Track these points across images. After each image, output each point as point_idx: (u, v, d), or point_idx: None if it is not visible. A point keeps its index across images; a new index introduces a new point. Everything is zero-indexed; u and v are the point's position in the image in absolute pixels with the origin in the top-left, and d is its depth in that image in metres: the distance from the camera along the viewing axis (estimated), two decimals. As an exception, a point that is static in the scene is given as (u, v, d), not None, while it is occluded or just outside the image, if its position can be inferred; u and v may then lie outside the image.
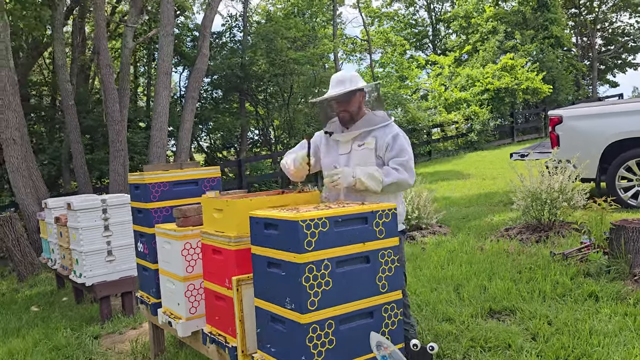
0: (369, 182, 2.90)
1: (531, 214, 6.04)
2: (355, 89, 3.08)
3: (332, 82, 3.16)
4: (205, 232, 3.02)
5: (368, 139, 3.07)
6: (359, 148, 3.08)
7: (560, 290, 4.21)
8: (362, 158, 3.05)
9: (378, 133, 3.07)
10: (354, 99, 3.10)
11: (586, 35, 30.36)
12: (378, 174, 2.92)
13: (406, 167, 2.98)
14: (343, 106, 3.11)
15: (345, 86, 3.07)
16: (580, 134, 7.18)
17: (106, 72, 10.09)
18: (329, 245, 2.34)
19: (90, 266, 5.38)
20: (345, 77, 3.13)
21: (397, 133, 3.06)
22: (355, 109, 3.11)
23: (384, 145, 3.03)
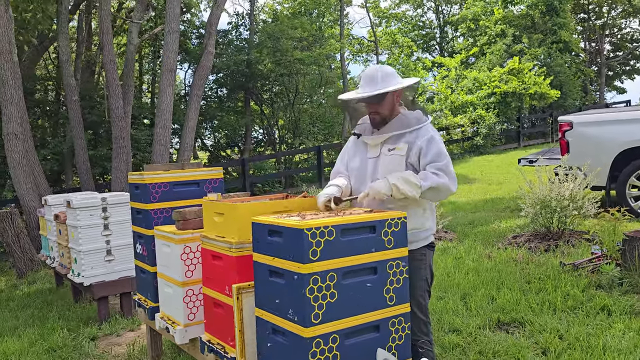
0: (405, 186, 2.60)
1: (540, 221, 5.90)
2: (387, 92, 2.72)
3: (363, 78, 2.81)
4: (206, 236, 2.90)
5: (400, 144, 2.75)
6: (388, 153, 2.77)
7: (571, 302, 4.08)
8: (391, 164, 2.74)
9: (411, 137, 2.75)
10: (386, 99, 2.76)
11: (594, 41, 30.16)
12: (414, 178, 2.62)
13: (446, 172, 2.67)
14: (374, 107, 2.79)
15: (376, 86, 2.72)
16: (590, 140, 7.04)
17: (110, 67, 9.99)
18: (335, 255, 2.22)
19: (88, 265, 5.27)
20: (376, 75, 2.75)
21: (432, 136, 2.74)
22: (387, 110, 2.79)
23: (417, 150, 2.72)
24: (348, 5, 26.18)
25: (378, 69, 2.77)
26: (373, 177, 2.79)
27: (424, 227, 2.81)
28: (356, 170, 2.90)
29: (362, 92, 2.76)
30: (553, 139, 20.72)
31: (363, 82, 2.79)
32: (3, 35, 8.18)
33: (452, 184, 2.69)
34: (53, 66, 16.15)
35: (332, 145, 16.56)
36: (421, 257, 2.80)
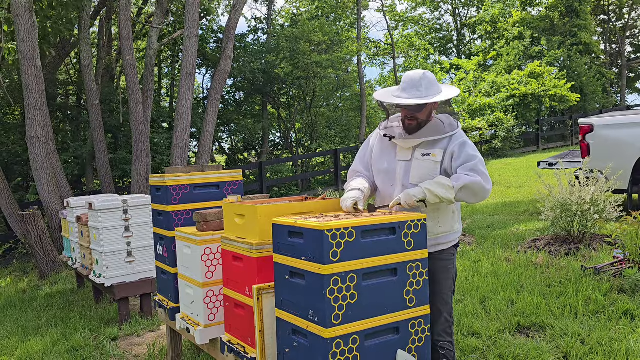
0: (439, 189, 2.55)
1: (560, 225, 5.84)
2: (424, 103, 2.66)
3: (405, 82, 2.73)
4: (226, 237, 2.94)
5: (435, 150, 2.71)
6: (422, 158, 2.72)
7: (592, 306, 4.03)
8: (425, 170, 2.70)
9: (445, 144, 2.72)
10: (426, 108, 2.72)
11: (615, 42, 29.73)
12: (446, 180, 2.59)
13: (477, 171, 2.63)
14: (412, 114, 2.72)
15: (420, 93, 2.67)
16: (612, 143, 6.95)
17: (130, 72, 10.13)
18: (355, 257, 2.23)
19: (110, 267, 5.35)
20: (421, 83, 2.68)
21: (464, 141, 2.72)
22: (425, 117, 2.75)
23: (449, 155, 2.70)
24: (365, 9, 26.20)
25: (422, 77, 2.71)
26: (404, 180, 2.74)
27: (454, 229, 2.82)
28: (384, 173, 2.84)
29: (402, 96, 2.70)
30: (573, 142, 20.46)
31: (405, 85, 2.72)
32: (27, 41, 8.35)
33: (487, 182, 2.64)
34: (74, 71, 16.42)
35: (349, 149, 16.57)
36: (450, 257, 2.82)
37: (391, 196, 2.77)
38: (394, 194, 2.76)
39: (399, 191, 2.74)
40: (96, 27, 15.00)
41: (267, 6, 18.76)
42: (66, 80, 16.05)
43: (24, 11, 8.29)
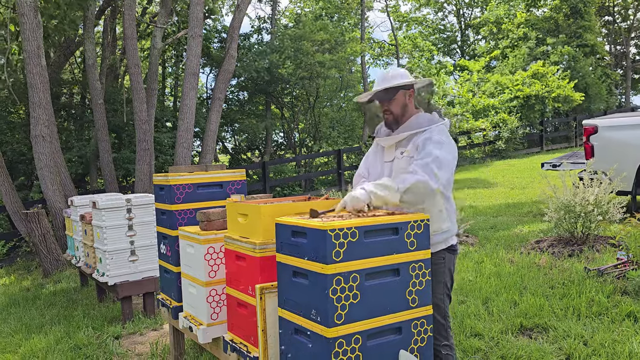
0: (384, 192, 2.49)
1: (564, 226, 5.83)
2: (393, 87, 2.69)
3: (376, 79, 2.83)
4: (229, 237, 2.94)
5: (410, 147, 2.68)
6: (401, 156, 2.71)
7: (595, 308, 4.02)
8: (403, 167, 2.67)
9: (420, 138, 2.66)
10: (396, 97, 2.73)
11: (620, 44, 29.64)
12: (392, 182, 2.52)
13: (425, 169, 2.49)
14: (385, 106, 2.76)
15: (385, 82, 2.73)
16: (616, 145, 6.93)
17: (135, 72, 10.16)
18: (358, 257, 2.23)
19: (113, 265, 5.37)
20: (388, 75, 2.75)
21: (429, 136, 2.61)
22: (398, 110, 2.74)
23: (415, 150, 2.64)
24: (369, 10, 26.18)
25: (390, 69, 2.81)
26: None
27: (441, 229, 2.68)
28: (375, 176, 2.86)
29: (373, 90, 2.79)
30: (577, 143, 20.41)
31: (376, 81, 2.81)
32: (32, 40, 8.38)
33: (432, 180, 2.47)
34: (78, 70, 16.47)
35: (352, 149, 16.57)
36: (439, 260, 2.70)
37: None
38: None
39: None
40: (100, 26, 15.03)
41: (272, 6, 18.77)
42: (70, 80, 16.09)
43: (29, 10, 8.32)
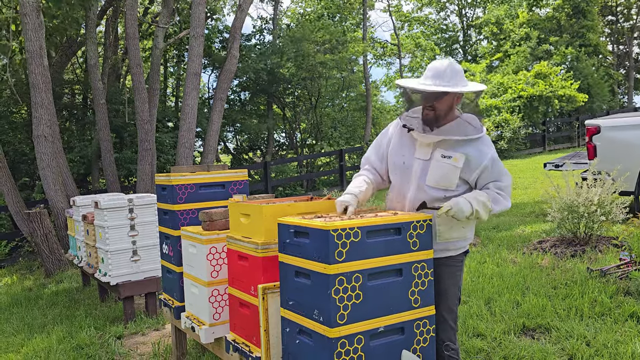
0: (483, 212, 2.54)
1: (566, 227, 5.81)
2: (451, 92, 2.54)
3: (429, 69, 2.59)
4: (232, 237, 2.94)
5: (457, 154, 2.57)
6: (442, 159, 2.58)
7: (598, 309, 4.01)
8: (443, 173, 2.58)
9: (470, 150, 2.58)
10: (446, 97, 2.56)
11: (623, 44, 29.59)
12: (489, 202, 2.55)
13: (508, 192, 2.64)
14: (430, 102, 2.57)
15: (442, 81, 2.52)
16: (618, 145, 6.91)
17: (136, 71, 10.17)
18: (360, 257, 2.23)
19: (115, 265, 5.37)
20: (445, 71, 2.54)
21: (494, 155, 2.63)
22: (444, 109, 2.59)
23: (479, 167, 2.59)
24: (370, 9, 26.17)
25: (448, 65, 2.57)
26: (420, 180, 2.63)
27: (466, 236, 2.71)
28: (400, 168, 2.71)
29: (425, 83, 2.57)
30: (579, 143, 20.37)
31: (429, 73, 2.58)
32: (34, 40, 8.39)
33: (509, 203, 2.66)
34: (80, 70, 16.49)
35: (354, 149, 16.56)
36: (458, 263, 2.73)
37: (405, 195, 2.68)
38: (408, 192, 2.66)
39: (413, 190, 2.64)
40: (102, 26, 15.05)
41: (273, 6, 18.77)
42: (72, 80, 16.11)
43: (31, 10, 8.33)
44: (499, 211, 2.62)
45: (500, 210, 2.63)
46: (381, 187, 2.91)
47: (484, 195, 2.57)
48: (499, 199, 2.61)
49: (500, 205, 2.61)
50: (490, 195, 2.60)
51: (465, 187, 2.66)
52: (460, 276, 2.77)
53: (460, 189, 2.63)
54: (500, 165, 2.66)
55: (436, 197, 2.61)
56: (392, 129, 2.85)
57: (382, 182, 2.88)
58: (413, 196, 2.65)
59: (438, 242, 2.63)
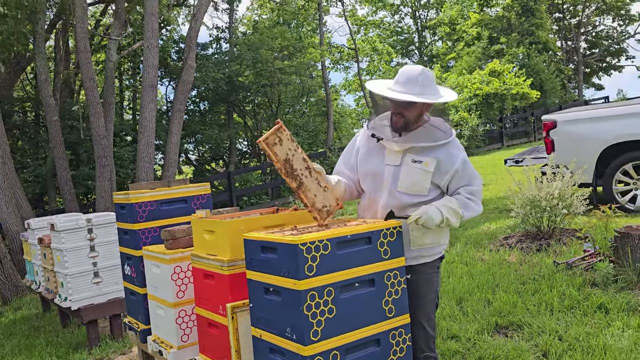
0: (453, 220, 2.49)
1: (530, 221, 5.90)
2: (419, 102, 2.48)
3: (401, 75, 2.52)
4: (196, 255, 2.83)
5: (427, 159, 2.52)
6: (412, 164, 2.53)
7: (567, 302, 4.05)
8: (414, 178, 2.53)
9: (441, 154, 2.53)
10: (416, 106, 2.52)
11: (571, 39, 30.63)
12: (460, 209, 2.50)
13: (478, 196, 2.59)
14: (400, 110, 2.52)
15: (415, 89, 2.46)
16: (575, 138, 7.07)
17: (90, 85, 9.85)
18: (331, 270, 2.16)
19: (75, 289, 5.14)
20: (417, 77, 2.48)
21: (465, 158, 2.59)
22: (413, 117, 2.55)
23: (451, 171, 2.54)
24: (326, 14, 26.26)
25: (420, 73, 2.50)
26: (392, 186, 2.57)
27: (440, 242, 2.65)
28: (371, 176, 2.64)
29: (397, 89, 2.50)
30: (536, 137, 20.91)
31: (401, 78, 2.51)
32: (-22, 57, 8.01)
33: (481, 208, 2.62)
34: (31, 87, 15.91)
35: (317, 155, 16.53)
36: (434, 270, 2.66)
37: (377, 202, 2.61)
38: (380, 199, 2.60)
39: (385, 197, 2.58)
40: (52, 40, 14.56)
41: (229, 14, 18.60)
42: (22, 97, 15.53)
43: (-27, 27, 7.96)
44: (469, 217, 2.57)
45: (472, 216, 2.58)
46: (354, 196, 2.82)
47: (455, 202, 2.51)
48: (470, 205, 2.56)
49: (471, 211, 2.56)
50: (460, 201, 2.54)
51: (438, 192, 2.60)
52: (437, 282, 2.71)
53: (432, 194, 2.57)
54: (471, 167, 2.61)
55: (408, 203, 2.55)
56: (359, 138, 2.78)
57: (357, 192, 2.80)
58: (385, 203, 2.59)
59: (412, 248, 2.56)
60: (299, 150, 2.52)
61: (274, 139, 2.45)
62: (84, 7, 9.90)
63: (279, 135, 2.46)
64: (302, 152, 2.53)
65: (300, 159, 2.50)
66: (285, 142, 2.46)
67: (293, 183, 2.46)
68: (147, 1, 9.60)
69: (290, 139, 2.49)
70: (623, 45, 31.40)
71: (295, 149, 2.50)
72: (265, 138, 2.43)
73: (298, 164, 2.48)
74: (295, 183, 2.46)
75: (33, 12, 10.56)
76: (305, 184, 2.48)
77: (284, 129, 2.49)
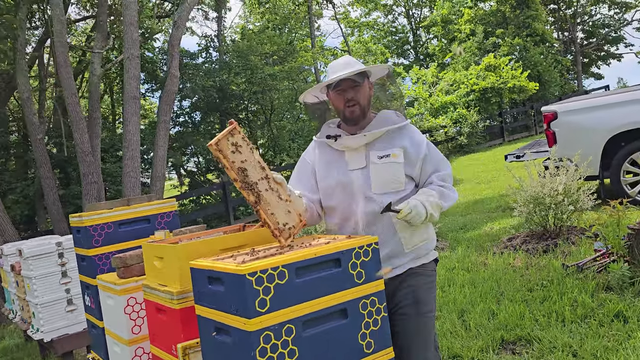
0: (436, 213, 2.27)
1: (535, 220, 5.50)
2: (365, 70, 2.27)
3: (331, 68, 2.33)
4: (147, 285, 2.44)
5: (395, 150, 2.28)
6: (380, 161, 2.27)
7: (580, 311, 3.64)
8: (386, 175, 2.26)
9: (405, 141, 2.30)
10: (364, 86, 2.29)
11: (567, 30, 30.22)
12: (440, 201, 2.29)
13: (451, 182, 2.39)
14: (351, 95, 2.26)
15: (351, 67, 2.25)
16: (578, 129, 6.68)
17: (72, 101, 9.50)
18: (290, 302, 1.76)
19: (47, 319, 4.77)
20: (347, 61, 2.31)
21: (428, 141, 2.39)
22: (365, 101, 2.29)
23: (420, 158, 2.31)
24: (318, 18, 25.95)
25: (347, 57, 2.36)
26: (365, 190, 2.28)
27: (430, 237, 2.41)
28: (340, 187, 2.33)
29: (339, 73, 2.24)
30: (537, 130, 20.49)
31: (332, 69, 2.30)
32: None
33: (456, 194, 2.39)
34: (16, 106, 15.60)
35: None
36: (432, 273, 2.41)
37: (354, 212, 2.31)
38: (357, 208, 2.30)
39: (362, 203, 2.28)
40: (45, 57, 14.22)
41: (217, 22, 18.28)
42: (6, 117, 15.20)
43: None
44: (448, 207, 2.34)
45: (450, 205, 2.35)
46: (314, 218, 2.45)
47: (434, 194, 2.28)
48: (446, 193, 2.33)
49: (448, 200, 2.33)
50: (437, 191, 2.31)
51: (413, 184, 2.38)
52: (435, 289, 2.43)
53: (409, 187, 2.35)
54: (436, 150, 2.41)
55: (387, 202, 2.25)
56: (309, 156, 2.50)
57: (317, 214, 2.45)
58: (364, 209, 2.29)
59: (407, 251, 2.32)
60: (256, 156, 2.13)
61: (227, 144, 2.05)
62: (62, 21, 9.57)
63: (234, 139, 2.07)
64: (260, 158, 2.14)
65: (258, 167, 2.12)
66: (240, 146, 2.07)
67: (251, 196, 2.07)
68: (126, 11, 9.26)
69: (246, 142, 2.11)
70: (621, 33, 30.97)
71: (251, 154, 2.11)
72: (216, 141, 2.03)
73: (255, 173, 2.09)
74: (253, 196, 2.07)
75: (11, 28, 10.26)
76: (265, 198, 2.09)
77: (238, 130, 2.11)
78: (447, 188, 2.33)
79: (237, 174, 2.04)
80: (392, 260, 2.29)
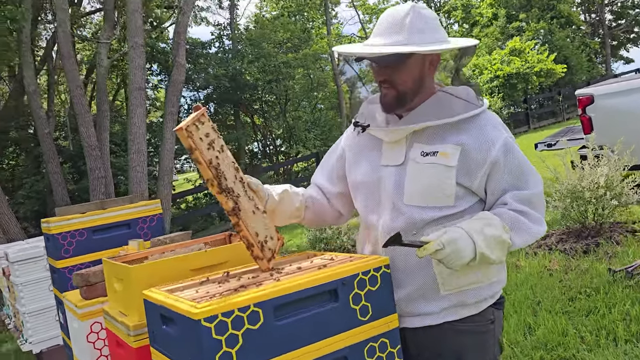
0: (495, 254, 1.50)
1: (572, 216, 4.92)
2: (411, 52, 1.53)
3: (379, 24, 1.60)
4: (107, 312, 1.98)
5: (446, 147, 1.55)
6: (423, 160, 1.57)
7: (635, 327, 3.09)
8: (429, 180, 1.54)
9: (467, 137, 1.55)
10: (408, 64, 1.57)
11: (595, 12, 29.04)
12: (507, 234, 1.51)
13: (539, 208, 1.59)
14: (385, 75, 1.59)
15: (398, 37, 1.54)
16: (618, 113, 6.06)
17: (77, 93, 9.18)
18: (267, 354, 1.28)
19: (36, 329, 4.39)
20: (403, 21, 1.54)
21: (508, 141, 1.59)
22: (410, 83, 1.59)
23: (486, 164, 1.56)
24: (336, 5, 25.26)
25: (408, 11, 1.56)
26: (394, 198, 1.61)
27: (490, 278, 1.62)
28: (364, 187, 1.71)
29: (372, 43, 1.59)
30: (564, 117, 19.65)
31: (379, 28, 1.59)
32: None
33: (543, 226, 1.59)
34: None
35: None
36: (486, 327, 1.64)
37: (374, 226, 1.66)
38: (379, 220, 1.64)
39: (387, 215, 1.62)
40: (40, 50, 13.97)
41: (230, 10, 17.84)
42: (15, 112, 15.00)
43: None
44: (523, 244, 1.57)
45: (527, 243, 1.58)
46: (326, 218, 1.89)
47: (496, 224, 1.51)
48: (522, 223, 1.54)
49: (524, 235, 1.54)
50: (506, 218, 1.54)
51: (473, 200, 1.62)
52: (495, 345, 1.67)
53: (463, 203, 1.59)
54: (520, 157, 1.60)
55: (424, 221, 1.58)
56: (344, 140, 1.86)
57: (331, 213, 1.87)
58: (387, 224, 1.62)
59: (443, 294, 1.59)
60: (228, 153, 1.64)
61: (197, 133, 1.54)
62: (64, 10, 9.22)
63: (204, 128, 1.57)
64: (230, 155, 1.64)
65: (232, 167, 1.62)
66: (213, 139, 1.57)
67: (229, 202, 1.56)
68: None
69: (217, 134, 1.61)
70: (652, 13, 29.65)
71: (225, 150, 1.62)
72: (186, 126, 1.51)
73: (230, 174, 1.59)
74: (232, 202, 1.56)
75: (13, 20, 9.93)
76: (242, 206, 1.59)
77: (207, 118, 1.61)
78: (526, 216, 1.55)
79: (214, 174, 1.53)
80: (419, 304, 1.59)
